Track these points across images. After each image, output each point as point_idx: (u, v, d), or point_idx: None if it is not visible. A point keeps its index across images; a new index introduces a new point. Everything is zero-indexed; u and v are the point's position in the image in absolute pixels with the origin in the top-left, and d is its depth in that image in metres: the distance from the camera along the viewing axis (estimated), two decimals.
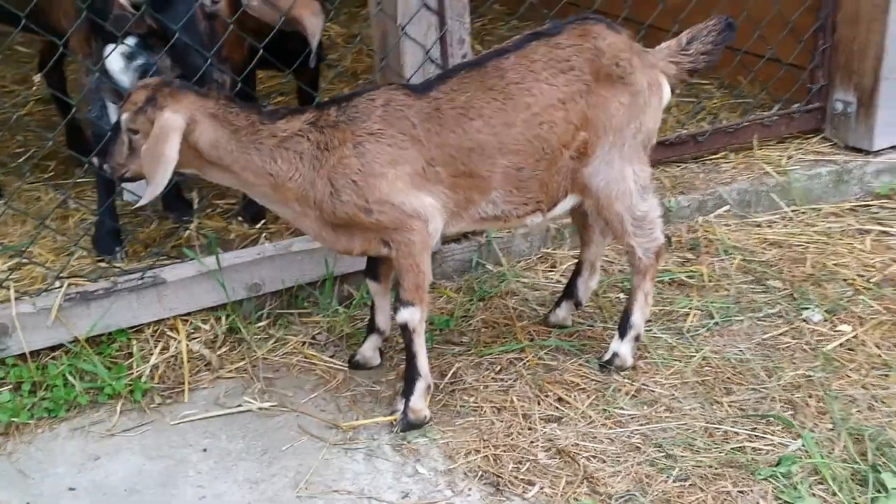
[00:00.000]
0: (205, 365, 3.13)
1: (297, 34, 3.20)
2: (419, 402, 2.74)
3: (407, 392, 2.75)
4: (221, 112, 2.51)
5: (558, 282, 3.55)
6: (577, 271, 3.20)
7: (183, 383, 3.03)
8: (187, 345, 3.12)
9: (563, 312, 3.23)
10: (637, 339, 2.98)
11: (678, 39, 2.90)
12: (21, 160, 4.27)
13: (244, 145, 2.54)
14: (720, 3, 3.97)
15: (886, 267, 3.50)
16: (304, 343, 3.22)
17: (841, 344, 3.03)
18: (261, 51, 3.20)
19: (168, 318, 3.16)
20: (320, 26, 3.20)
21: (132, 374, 3.02)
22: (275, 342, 3.23)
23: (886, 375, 2.84)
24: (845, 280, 3.43)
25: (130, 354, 3.08)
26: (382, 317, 3.02)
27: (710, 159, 4.23)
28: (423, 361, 2.74)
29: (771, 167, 4.10)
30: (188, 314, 3.19)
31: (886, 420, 2.63)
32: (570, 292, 3.21)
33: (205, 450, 2.75)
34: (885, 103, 4.08)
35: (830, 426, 2.62)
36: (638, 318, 2.96)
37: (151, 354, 3.09)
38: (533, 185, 2.70)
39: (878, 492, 2.33)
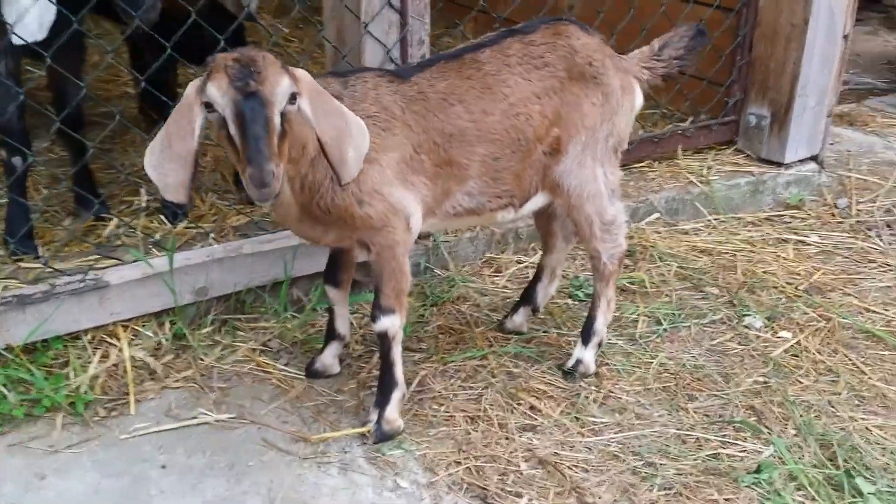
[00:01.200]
0: (149, 374, 2.92)
1: (216, 23, 3.05)
2: (394, 413, 2.66)
3: (382, 402, 2.66)
4: None
5: (505, 287, 3.54)
6: (536, 277, 3.19)
7: (128, 394, 2.81)
8: (130, 352, 2.90)
9: (519, 318, 3.21)
10: (600, 345, 3.01)
11: (651, 45, 2.95)
12: None
13: None
14: (645, 22, 4.08)
15: (811, 275, 3.70)
16: (255, 350, 3.06)
17: (785, 350, 3.17)
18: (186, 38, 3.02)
19: (106, 325, 2.92)
20: None
21: (70, 384, 2.77)
22: (223, 349, 3.05)
23: (835, 381, 2.99)
24: (776, 287, 3.59)
25: (67, 363, 2.82)
26: (342, 323, 2.91)
27: (637, 167, 4.33)
28: (400, 370, 2.66)
29: (694, 176, 4.25)
30: (128, 320, 2.96)
31: (845, 425, 2.76)
32: (528, 298, 3.20)
33: (164, 466, 2.56)
34: (798, 119, 4.31)
35: (795, 431, 2.73)
36: (601, 324, 2.99)
37: (90, 363, 2.85)
38: (507, 176, 2.68)
39: (854, 497, 2.44)
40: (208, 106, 2.09)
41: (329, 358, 2.94)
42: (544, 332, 3.25)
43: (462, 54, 2.66)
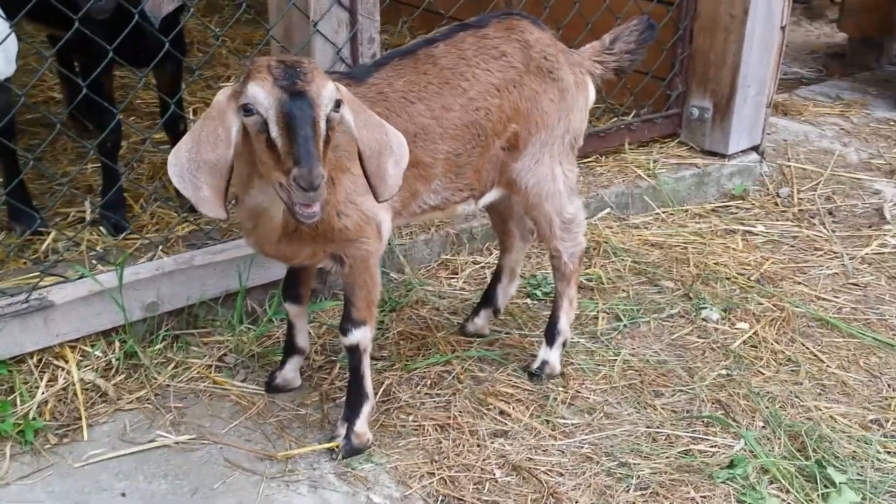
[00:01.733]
0: (100, 396, 2.78)
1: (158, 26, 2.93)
2: (364, 426, 2.59)
3: (351, 416, 2.58)
4: None
5: (463, 289, 3.49)
6: (496, 278, 3.15)
7: (79, 419, 2.67)
8: (79, 374, 2.75)
9: (481, 321, 3.17)
10: (564, 345, 2.99)
11: (602, 40, 2.94)
12: None
13: None
14: (589, 17, 4.09)
15: (760, 265, 3.74)
16: (210, 366, 2.94)
17: (744, 341, 3.20)
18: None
19: (52, 347, 2.77)
20: None
21: (17, 411, 2.61)
22: (176, 367, 2.92)
23: (795, 371, 3.03)
24: (728, 279, 3.63)
25: (12, 389, 2.67)
26: (303, 337, 2.82)
27: (584, 162, 4.32)
28: (369, 383, 2.59)
29: (641, 170, 4.27)
30: (76, 340, 2.82)
31: (811, 414, 2.79)
32: (488, 299, 3.16)
33: (123, 494, 2.44)
34: (740, 110, 4.36)
35: (763, 423, 2.75)
36: (564, 323, 2.97)
37: (37, 388, 2.69)
38: (468, 171, 2.63)
39: (827, 487, 2.46)
40: (246, 110, 1.96)
41: (290, 372, 2.85)
42: (506, 333, 3.22)
43: (415, 50, 2.59)
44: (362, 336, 2.50)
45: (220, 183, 1.97)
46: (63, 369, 2.77)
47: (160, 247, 3.04)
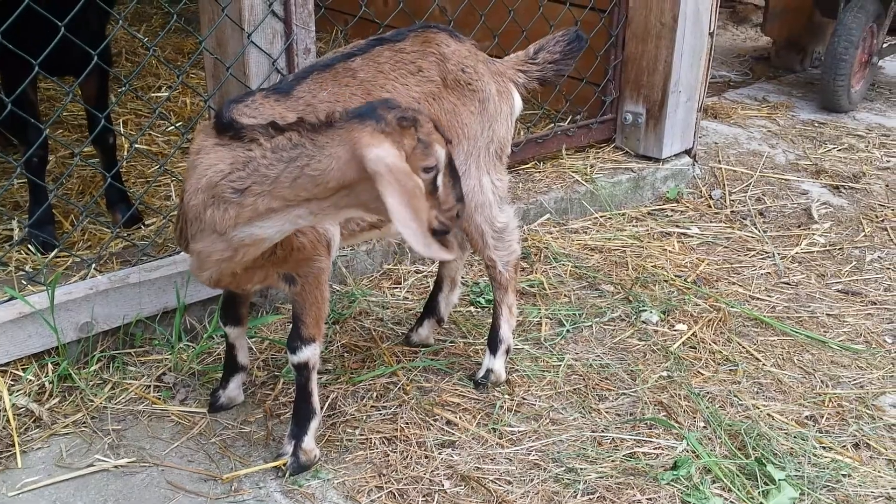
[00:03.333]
0: (33, 421, 2.69)
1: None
2: (311, 443, 2.55)
3: (299, 433, 2.54)
4: None
5: (406, 298, 3.48)
6: (437, 287, 3.15)
7: (12, 445, 2.58)
8: (11, 400, 2.66)
9: (425, 331, 3.16)
10: (508, 352, 2.99)
11: (526, 50, 2.95)
12: None
13: None
14: (528, 21, 4.13)
15: (696, 266, 3.82)
16: (148, 387, 2.87)
17: (683, 342, 3.25)
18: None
19: None
20: None
21: None
22: (113, 388, 2.85)
23: (733, 370, 3.09)
24: (666, 281, 3.69)
25: None
26: (243, 354, 2.77)
27: (522, 169, 4.36)
28: (317, 399, 2.55)
29: (579, 175, 4.31)
30: (5, 364, 2.72)
31: (749, 413, 2.86)
32: (431, 309, 3.15)
33: None
34: (672, 115, 4.44)
35: (704, 424, 2.80)
36: (506, 331, 2.98)
37: None
38: None
39: (767, 484, 2.52)
40: (427, 169, 2.02)
41: (234, 390, 2.80)
42: (451, 342, 3.21)
43: (333, 64, 2.55)
44: (311, 353, 2.47)
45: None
46: None
47: (93, 265, 2.96)
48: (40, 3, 2.72)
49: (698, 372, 3.08)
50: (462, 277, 3.24)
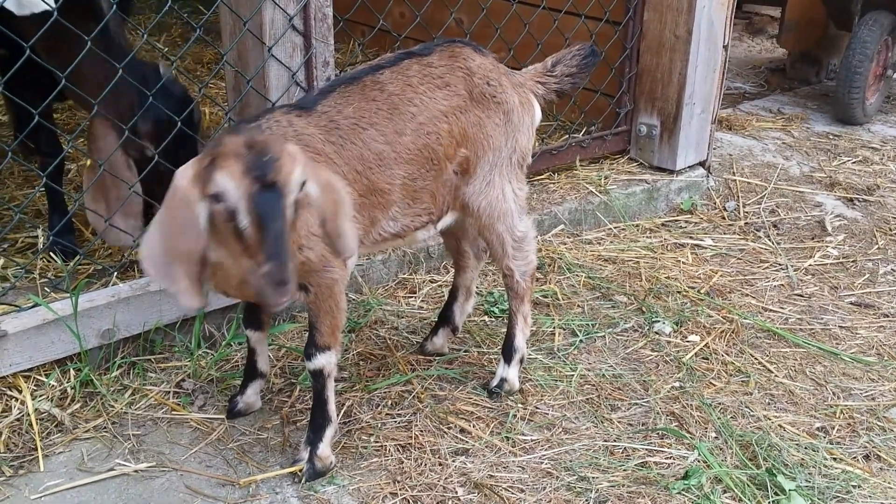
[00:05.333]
0: (55, 426, 2.74)
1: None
2: (327, 449, 2.59)
3: (314, 439, 2.58)
4: None
5: (421, 307, 3.52)
6: (452, 297, 3.19)
7: (35, 449, 2.63)
8: (34, 405, 2.72)
9: (440, 340, 3.20)
10: (522, 361, 3.03)
11: (544, 63, 3.01)
12: None
13: None
14: (542, 34, 4.18)
15: (710, 278, 3.84)
16: (168, 392, 2.92)
17: (696, 353, 3.28)
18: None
19: (7, 376, 2.73)
20: None
21: None
22: (133, 394, 2.90)
23: (745, 381, 3.12)
24: (679, 292, 3.72)
25: None
26: (263, 360, 2.82)
27: (537, 180, 4.40)
28: (333, 406, 2.60)
29: (593, 186, 4.35)
30: (29, 370, 2.78)
31: (761, 424, 2.88)
32: (446, 318, 3.19)
33: None
34: (686, 127, 4.47)
35: (715, 434, 2.83)
36: (521, 341, 3.01)
37: None
38: (425, 195, 2.67)
39: (777, 494, 2.54)
40: (214, 197, 1.92)
41: (251, 396, 2.85)
42: (465, 351, 3.25)
43: (361, 77, 2.62)
44: (326, 361, 2.51)
45: (195, 270, 1.93)
46: (17, 399, 2.73)
47: (115, 273, 3.02)
48: (68, 18, 2.79)
49: (710, 383, 3.10)
50: (476, 287, 3.28)
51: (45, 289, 3.02)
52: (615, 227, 4.24)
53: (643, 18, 4.43)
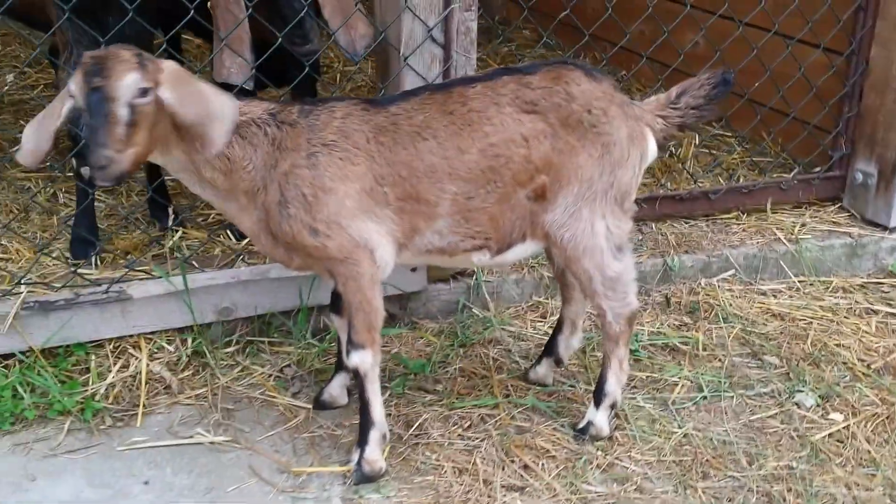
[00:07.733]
0: (164, 388, 3.00)
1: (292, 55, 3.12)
2: (375, 453, 2.60)
3: (361, 442, 2.60)
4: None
5: (545, 333, 3.40)
6: (557, 328, 3.05)
7: (138, 406, 2.90)
8: (148, 365, 2.99)
9: (543, 370, 3.07)
10: (613, 407, 2.82)
11: (668, 93, 2.77)
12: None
13: None
14: (741, 57, 3.87)
15: (889, 353, 3.32)
16: (270, 375, 3.08)
17: (830, 434, 2.86)
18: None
19: (131, 336, 3.03)
20: (369, 33, 3.17)
21: (86, 391, 2.89)
22: (240, 371, 3.09)
23: (873, 475, 2.66)
24: (844, 363, 3.25)
25: (87, 370, 2.95)
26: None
27: (721, 219, 4.06)
28: (377, 409, 2.60)
29: (783, 233, 3.93)
30: (153, 333, 3.07)
31: None
32: (550, 349, 3.06)
33: (146, 482, 2.62)
34: None
35: None
36: (613, 385, 2.80)
37: (109, 372, 2.96)
38: (482, 218, 2.57)
39: None
40: (70, 95, 2.27)
41: (336, 389, 2.92)
42: (570, 385, 3.09)
43: (451, 86, 2.60)
44: (361, 360, 2.52)
45: (43, 144, 2.33)
46: (136, 358, 3.02)
47: (241, 256, 3.23)
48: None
49: (831, 469, 2.69)
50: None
51: (183, 263, 3.26)
52: (799, 282, 3.80)
53: (870, 53, 3.93)
